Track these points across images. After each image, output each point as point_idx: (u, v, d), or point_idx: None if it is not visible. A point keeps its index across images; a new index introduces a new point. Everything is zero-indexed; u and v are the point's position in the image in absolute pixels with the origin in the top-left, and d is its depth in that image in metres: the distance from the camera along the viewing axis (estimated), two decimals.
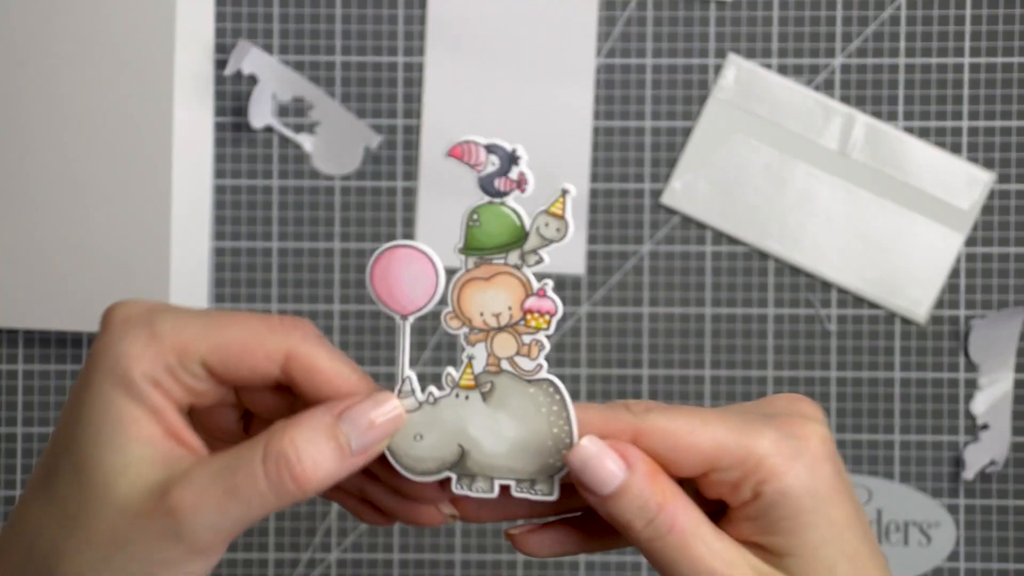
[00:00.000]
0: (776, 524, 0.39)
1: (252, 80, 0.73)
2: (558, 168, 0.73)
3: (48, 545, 0.39)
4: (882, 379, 0.73)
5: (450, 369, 0.39)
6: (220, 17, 0.74)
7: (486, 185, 0.37)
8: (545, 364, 0.38)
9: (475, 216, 0.37)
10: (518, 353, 0.38)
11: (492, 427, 0.39)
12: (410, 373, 0.39)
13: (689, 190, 0.73)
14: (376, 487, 0.43)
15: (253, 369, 0.39)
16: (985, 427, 0.73)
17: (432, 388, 0.39)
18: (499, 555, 0.73)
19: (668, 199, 0.73)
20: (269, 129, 0.74)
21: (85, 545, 0.38)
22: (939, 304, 0.73)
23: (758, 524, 0.39)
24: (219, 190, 0.74)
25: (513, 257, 0.37)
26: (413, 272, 0.38)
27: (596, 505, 0.39)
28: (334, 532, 0.74)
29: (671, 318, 0.73)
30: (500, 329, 0.38)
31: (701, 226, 0.73)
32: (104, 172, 0.70)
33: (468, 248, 0.37)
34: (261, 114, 0.73)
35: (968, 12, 0.73)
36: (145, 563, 0.38)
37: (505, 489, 0.40)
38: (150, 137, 0.70)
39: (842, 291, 0.73)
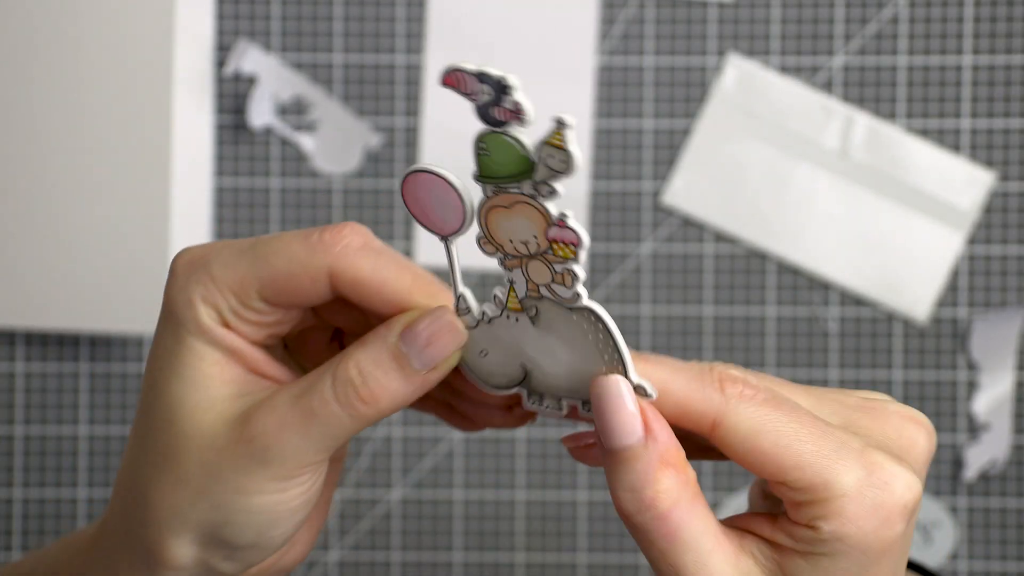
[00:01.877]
0: (815, 556, 0.37)
1: (252, 80, 0.73)
2: None
3: (145, 484, 0.39)
4: (882, 379, 0.73)
5: (497, 290, 0.37)
6: (220, 17, 0.74)
7: (484, 115, 0.33)
8: (583, 292, 0.35)
9: (483, 144, 0.34)
10: (553, 281, 0.35)
11: (546, 349, 0.37)
12: (464, 290, 0.38)
13: (689, 190, 0.73)
14: (459, 398, 0.43)
15: (304, 295, 0.39)
16: (985, 427, 0.73)
17: (486, 307, 0.38)
18: (499, 555, 0.73)
19: (668, 199, 0.73)
20: (269, 129, 0.74)
21: (181, 482, 0.39)
22: (939, 304, 0.73)
23: (798, 545, 0.37)
24: (219, 190, 0.74)
25: (527, 187, 0.34)
26: (439, 196, 0.36)
27: (601, 452, 0.37)
28: (334, 532, 0.74)
29: (671, 318, 0.73)
30: (531, 256, 0.35)
31: (701, 226, 0.73)
32: (104, 172, 0.70)
33: (482, 176, 0.34)
34: (261, 114, 0.73)
35: (968, 12, 0.73)
36: (239, 492, 0.38)
37: (575, 408, 0.38)
38: (150, 137, 0.70)
39: (842, 291, 0.73)
